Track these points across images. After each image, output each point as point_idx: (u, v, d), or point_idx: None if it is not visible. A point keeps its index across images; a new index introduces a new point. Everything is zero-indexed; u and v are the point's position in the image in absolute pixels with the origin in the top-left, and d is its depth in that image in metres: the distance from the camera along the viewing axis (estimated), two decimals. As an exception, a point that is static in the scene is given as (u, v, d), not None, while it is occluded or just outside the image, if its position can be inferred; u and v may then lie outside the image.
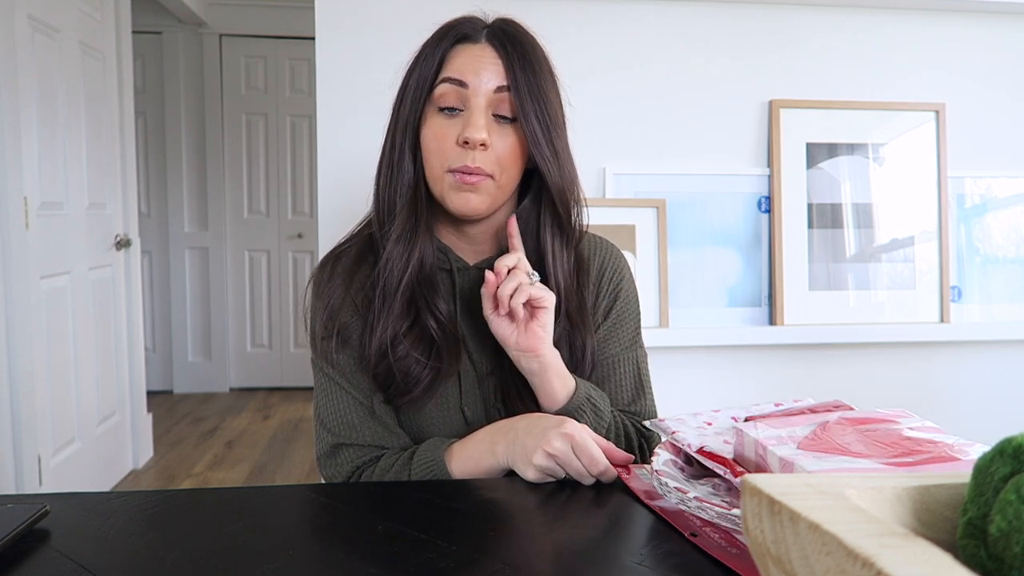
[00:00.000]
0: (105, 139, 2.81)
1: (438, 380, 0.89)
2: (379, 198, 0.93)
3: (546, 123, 0.87)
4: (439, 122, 0.87)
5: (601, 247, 1.02)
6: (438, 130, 0.87)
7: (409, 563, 0.59)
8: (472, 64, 0.86)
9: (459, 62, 0.87)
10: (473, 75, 0.86)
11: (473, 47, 0.88)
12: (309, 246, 4.41)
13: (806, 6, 1.67)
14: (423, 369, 0.88)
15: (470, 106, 0.86)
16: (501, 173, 0.88)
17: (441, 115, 0.87)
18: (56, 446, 2.39)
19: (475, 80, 0.86)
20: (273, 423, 3.78)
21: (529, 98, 0.86)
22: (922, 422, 0.69)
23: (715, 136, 1.67)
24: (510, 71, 0.86)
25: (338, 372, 0.91)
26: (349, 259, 0.94)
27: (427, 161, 0.89)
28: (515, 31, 0.89)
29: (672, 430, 0.80)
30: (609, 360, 0.99)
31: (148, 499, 0.74)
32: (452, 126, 0.87)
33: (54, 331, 2.38)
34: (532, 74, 0.86)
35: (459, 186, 0.86)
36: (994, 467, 0.31)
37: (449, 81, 0.86)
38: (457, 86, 0.86)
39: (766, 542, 0.32)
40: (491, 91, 0.86)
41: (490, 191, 0.88)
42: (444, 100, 0.87)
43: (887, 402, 0.95)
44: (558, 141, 0.89)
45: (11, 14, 2.13)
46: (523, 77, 0.86)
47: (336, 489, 0.79)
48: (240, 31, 4.26)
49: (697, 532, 0.65)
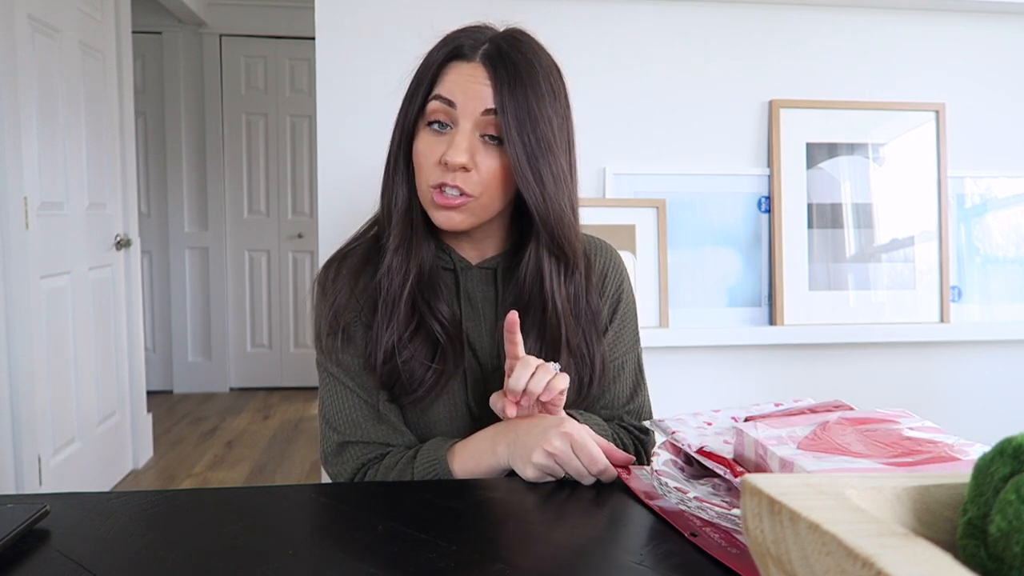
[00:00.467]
0: (105, 139, 2.81)
1: (442, 381, 0.90)
2: (382, 204, 0.95)
3: (532, 148, 0.85)
4: (428, 138, 0.88)
5: (601, 251, 1.03)
6: (425, 146, 0.88)
7: (409, 563, 0.59)
8: (462, 84, 0.86)
9: (450, 81, 0.87)
10: (462, 95, 0.85)
11: (465, 66, 0.86)
12: (309, 246, 4.41)
13: (806, 6, 1.67)
14: (427, 371, 0.89)
15: (457, 127, 0.86)
16: (483, 193, 0.87)
17: (430, 130, 0.88)
18: (56, 446, 2.39)
19: (463, 100, 0.85)
20: (273, 423, 3.78)
21: (515, 122, 0.84)
22: (922, 422, 0.69)
23: (715, 136, 1.67)
24: (498, 94, 0.84)
25: (343, 371, 0.92)
26: (355, 260, 0.95)
27: (416, 174, 0.90)
28: (514, 50, 0.87)
29: (672, 430, 0.80)
30: (616, 363, 1.00)
31: (148, 499, 0.74)
32: (439, 143, 0.87)
33: (54, 331, 2.38)
34: (523, 98, 0.84)
35: (438, 205, 0.87)
36: (994, 467, 0.31)
37: (439, 99, 0.87)
38: (447, 105, 0.86)
39: (766, 542, 0.32)
40: (478, 113, 0.85)
41: (472, 210, 0.88)
42: (434, 116, 0.87)
43: (887, 402, 0.95)
44: (545, 166, 0.86)
45: (11, 14, 2.13)
46: (511, 101, 0.84)
47: (336, 489, 0.79)
48: (240, 31, 4.26)
49: (697, 532, 0.65)
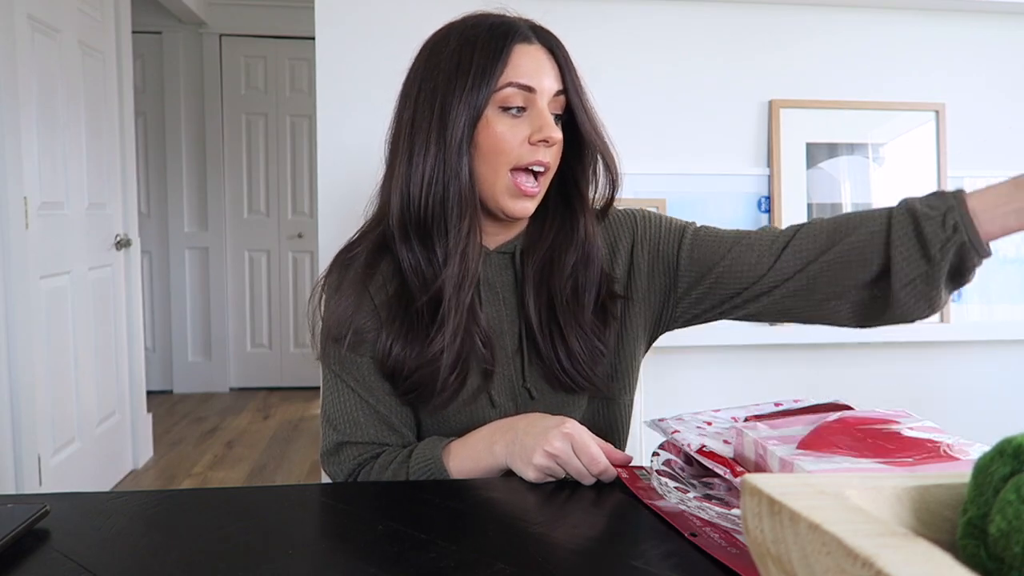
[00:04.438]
0: (105, 139, 2.81)
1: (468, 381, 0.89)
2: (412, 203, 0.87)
3: (594, 118, 0.91)
4: (505, 121, 0.86)
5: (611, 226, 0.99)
6: (504, 129, 0.86)
7: (409, 563, 0.59)
8: (534, 68, 0.87)
9: (525, 65, 0.86)
10: (538, 80, 0.87)
11: (530, 48, 0.88)
12: (309, 246, 4.41)
13: (806, 6, 1.67)
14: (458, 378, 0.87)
15: (536, 108, 0.87)
16: (553, 168, 0.90)
17: (507, 115, 0.87)
18: (56, 446, 2.39)
19: (540, 84, 0.87)
20: (273, 423, 3.78)
21: (580, 99, 0.90)
22: (922, 422, 0.69)
23: (715, 136, 1.67)
24: (564, 75, 0.89)
25: (346, 372, 0.91)
26: (363, 261, 0.92)
27: (486, 160, 0.87)
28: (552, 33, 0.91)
29: (672, 430, 0.80)
30: (707, 243, 0.93)
31: (148, 499, 0.74)
32: (518, 126, 0.87)
33: (54, 331, 2.38)
34: (575, 75, 0.90)
35: (518, 193, 0.87)
36: (994, 467, 0.31)
37: (517, 86, 0.86)
38: (525, 91, 0.86)
39: (766, 542, 0.32)
40: (551, 94, 0.88)
41: (541, 195, 0.90)
42: (511, 101, 0.86)
43: (887, 402, 0.95)
44: (604, 131, 0.92)
45: (11, 14, 2.13)
46: (572, 80, 0.89)
47: (336, 489, 0.79)
48: (240, 31, 4.26)
49: (697, 532, 0.65)
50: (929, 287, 0.78)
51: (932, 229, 0.76)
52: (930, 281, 0.77)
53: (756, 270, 0.88)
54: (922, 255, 0.77)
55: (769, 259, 0.88)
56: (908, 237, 0.77)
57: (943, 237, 0.75)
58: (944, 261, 0.76)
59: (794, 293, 0.87)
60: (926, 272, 0.77)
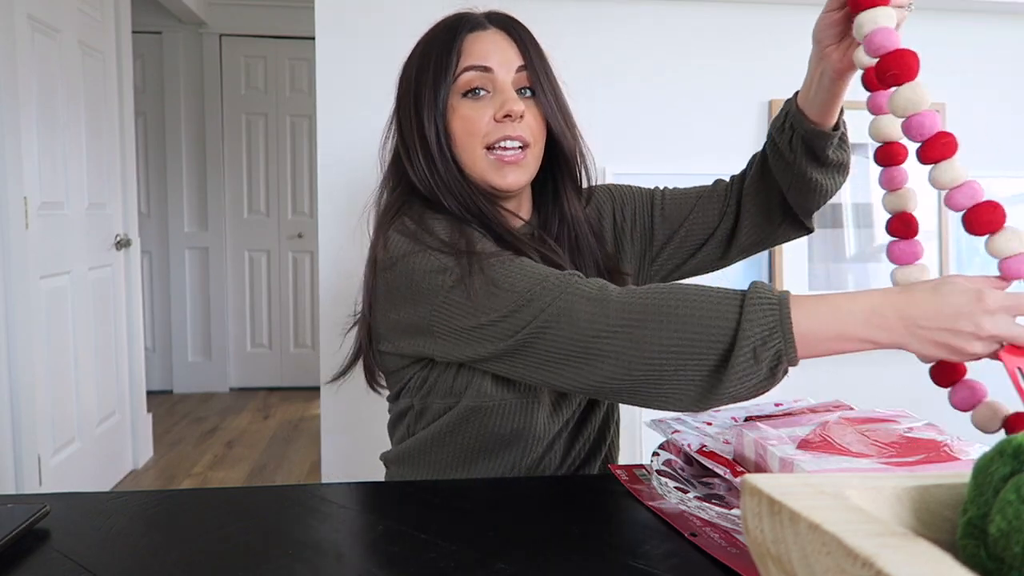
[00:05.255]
0: (105, 139, 2.81)
1: None
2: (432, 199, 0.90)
3: (556, 94, 0.93)
4: (468, 105, 0.89)
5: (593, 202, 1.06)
6: (469, 112, 0.89)
7: (409, 563, 0.59)
8: (489, 49, 0.90)
9: (478, 49, 0.89)
10: (495, 58, 0.89)
11: (485, 33, 0.91)
12: (309, 246, 4.41)
13: (806, 6, 1.67)
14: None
15: (497, 87, 0.89)
16: (535, 143, 0.91)
17: (467, 99, 0.89)
18: (56, 446, 2.39)
19: (497, 62, 0.89)
20: (273, 423, 3.78)
21: (542, 74, 0.92)
22: (922, 422, 0.69)
23: (714, 136, 1.67)
24: (523, 51, 0.91)
25: (490, 263, 0.79)
26: (425, 215, 0.89)
27: (461, 145, 0.90)
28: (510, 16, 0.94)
29: (672, 430, 0.80)
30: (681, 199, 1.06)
31: (148, 499, 0.74)
32: (482, 107, 0.89)
33: (54, 331, 2.38)
34: (537, 52, 0.92)
35: (499, 165, 0.89)
36: (994, 467, 0.31)
37: (473, 68, 0.89)
38: (482, 72, 0.89)
39: (766, 542, 0.32)
40: (513, 71, 0.90)
41: (527, 165, 0.90)
42: (471, 84, 0.89)
43: (887, 402, 0.95)
44: (566, 109, 0.95)
45: (11, 14, 2.13)
46: (534, 55, 0.92)
47: (336, 489, 0.79)
48: (240, 31, 4.26)
49: (697, 532, 0.65)
50: (802, 176, 0.99)
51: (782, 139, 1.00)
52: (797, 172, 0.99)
53: (715, 219, 1.02)
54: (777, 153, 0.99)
55: (721, 205, 1.03)
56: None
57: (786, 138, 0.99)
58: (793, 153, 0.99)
59: (751, 227, 1.01)
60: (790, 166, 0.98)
